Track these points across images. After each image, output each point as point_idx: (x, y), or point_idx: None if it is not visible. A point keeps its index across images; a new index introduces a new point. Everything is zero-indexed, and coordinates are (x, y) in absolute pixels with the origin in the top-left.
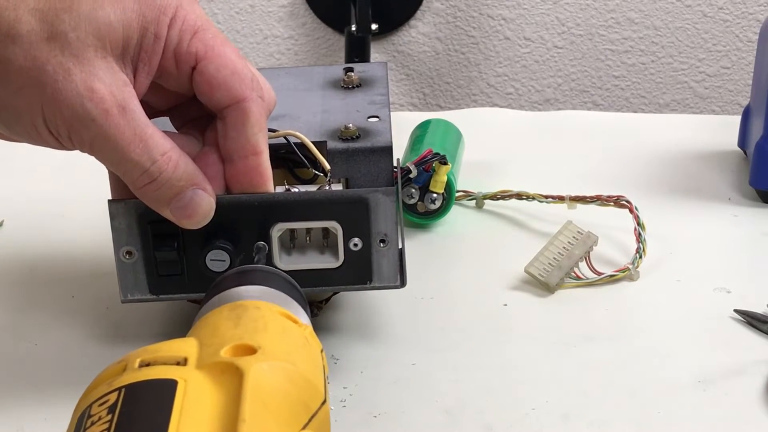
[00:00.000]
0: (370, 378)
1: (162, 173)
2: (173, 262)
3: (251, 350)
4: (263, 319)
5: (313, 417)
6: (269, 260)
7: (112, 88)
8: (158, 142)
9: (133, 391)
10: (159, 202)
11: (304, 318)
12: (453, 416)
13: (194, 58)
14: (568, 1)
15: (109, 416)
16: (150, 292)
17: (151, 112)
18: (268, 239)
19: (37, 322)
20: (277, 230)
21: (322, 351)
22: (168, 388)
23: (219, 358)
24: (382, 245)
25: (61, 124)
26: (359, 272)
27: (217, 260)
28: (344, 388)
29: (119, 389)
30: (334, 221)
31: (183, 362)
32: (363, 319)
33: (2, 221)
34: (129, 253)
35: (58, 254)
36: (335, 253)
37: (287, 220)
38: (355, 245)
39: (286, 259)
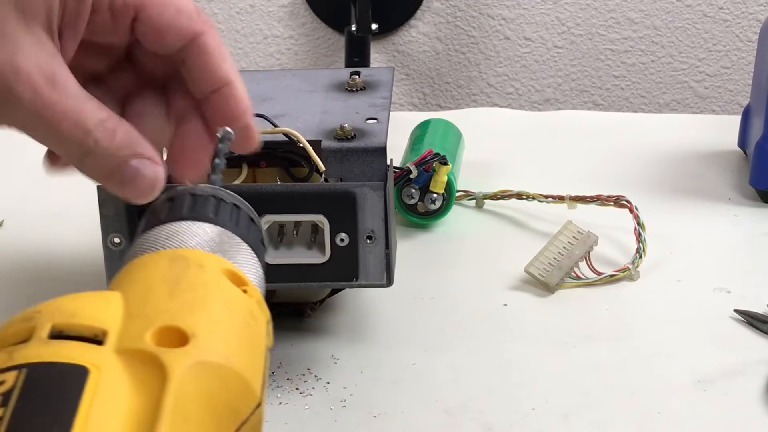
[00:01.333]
0: (370, 378)
1: (97, 143)
2: None
3: (182, 338)
4: (204, 289)
5: (243, 424)
6: None
7: (39, 62)
8: (92, 111)
9: (36, 376)
10: (100, 175)
11: (254, 275)
12: (453, 416)
13: (132, 9)
14: (568, 1)
15: (1, 410)
16: None
17: (91, 76)
18: None
19: None
20: (264, 222)
21: (268, 322)
22: (77, 377)
23: (143, 345)
24: (369, 241)
25: None
26: (346, 268)
27: None
28: (344, 388)
29: (19, 368)
30: (321, 215)
31: (101, 337)
32: (363, 319)
33: (2, 221)
34: (116, 240)
35: (58, 254)
36: (322, 249)
37: (274, 212)
38: (342, 240)
39: (273, 253)
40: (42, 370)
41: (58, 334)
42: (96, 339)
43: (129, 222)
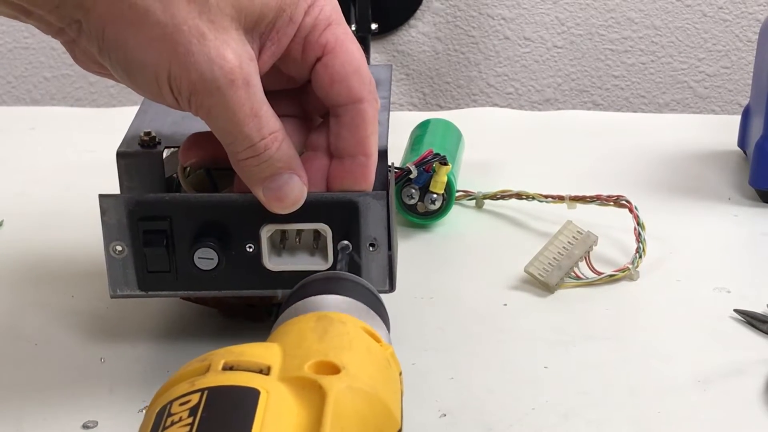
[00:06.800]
0: None
1: (266, 151)
2: (162, 258)
3: (335, 369)
4: (348, 336)
5: None
6: (258, 260)
7: (241, 60)
8: (270, 121)
9: (216, 395)
10: (254, 179)
11: (385, 336)
12: (453, 416)
13: (322, 50)
14: (568, 1)
15: (190, 419)
16: (139, 288)
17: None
18: (257, 239)
19: (37, 322)
20: (267, 231)
21: (400, 374)
22: (251, 396)
23: (303, 373)
24: (371, 249)
25: (185, 85)
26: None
27: (205, 258)
28: None
29: (202, 391)
30: (324, 224)
31: (266, 371)
32: None
33: (2, 221)
34: (119, 248)
35: (58, 254)
36: (324, 256)
37: (276, 221)
38: (345, 248)
39: (276, 260)
40: (220, 391)
41: (229, 368)
42: (262, 371)
43: (131, 230)
